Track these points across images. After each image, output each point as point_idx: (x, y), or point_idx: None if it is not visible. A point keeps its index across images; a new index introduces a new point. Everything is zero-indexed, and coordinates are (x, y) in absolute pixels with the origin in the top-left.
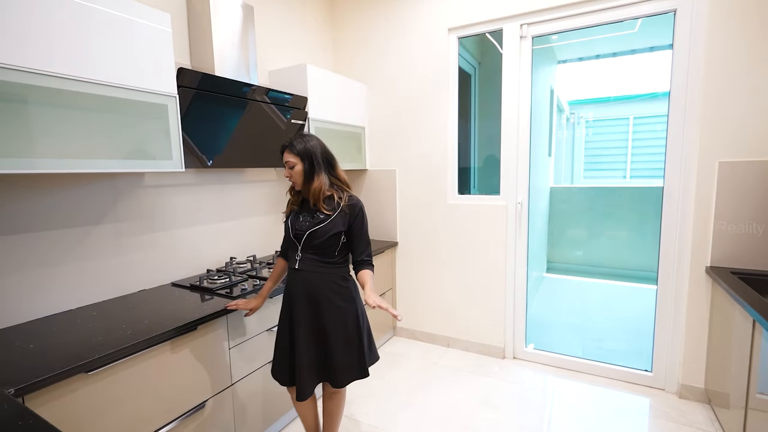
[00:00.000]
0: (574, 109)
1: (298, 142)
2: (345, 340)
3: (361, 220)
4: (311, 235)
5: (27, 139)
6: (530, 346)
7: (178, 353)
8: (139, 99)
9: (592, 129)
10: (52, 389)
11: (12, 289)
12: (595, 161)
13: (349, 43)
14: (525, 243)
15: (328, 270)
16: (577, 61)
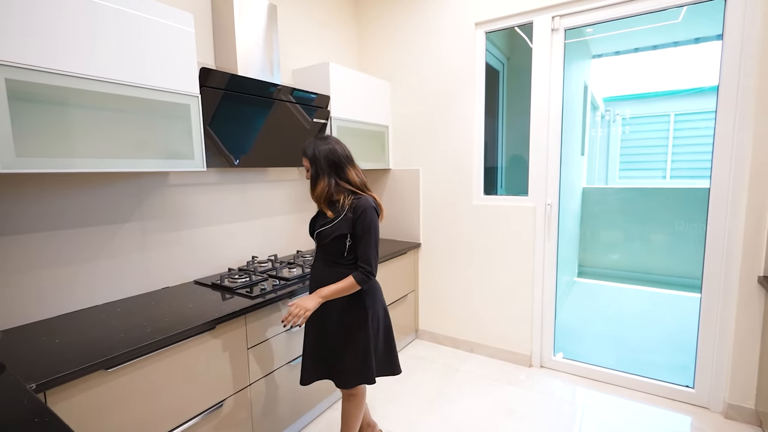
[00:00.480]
0: (609, 106)
1: (308, 147)
2: (348, 343)
3: (363, 222)
4: (318, 235)
5: (64, 139)
6: (559, 355)
7: (195, 352)
8: (162, 99)
9: (629, 127)
10: (72, 385)
11: (44, 284)
12: (631, 160)
13: (373, 41)
14: (555, 246)
15: (337, 270)
16: (613, 55)
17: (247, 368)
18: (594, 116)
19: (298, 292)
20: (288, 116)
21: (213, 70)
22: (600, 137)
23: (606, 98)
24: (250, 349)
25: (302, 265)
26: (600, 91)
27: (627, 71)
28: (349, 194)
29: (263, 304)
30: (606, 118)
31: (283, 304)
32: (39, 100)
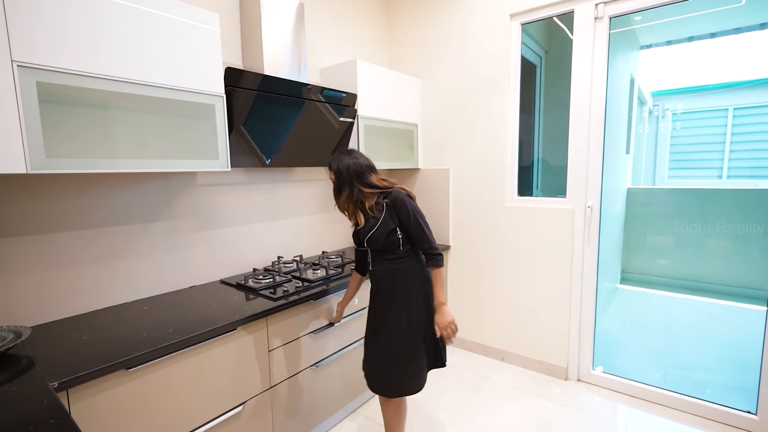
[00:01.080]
0: (658, 100)
1: (333, 160)
2: (418, 334)
3: (405, 210)
4: (370, 241)
5: (92, 140)
6: (599, 369)
7: (216, 353)
8: (187, 99)
9: (680, 122)
10: (94, 384)
11: (77, 281)
12: (682, 159)
13: (404, 37)
14: (595, 252)
15: (397, 266)
16: (664, 45)
17: (268, 370)
18: (641, 112)
19: (321, 295)
20: (317, 116)
21: (246, 71)
22: (647, 134)
23: (655, 92)
24: (272, 351)
25: (326, 267)
26: (648, 85)
27: (679, 62)
28: (377, 195)
29: (285, 306)
30: (654, 114)
31: (313, 305)
32: (68, 102)
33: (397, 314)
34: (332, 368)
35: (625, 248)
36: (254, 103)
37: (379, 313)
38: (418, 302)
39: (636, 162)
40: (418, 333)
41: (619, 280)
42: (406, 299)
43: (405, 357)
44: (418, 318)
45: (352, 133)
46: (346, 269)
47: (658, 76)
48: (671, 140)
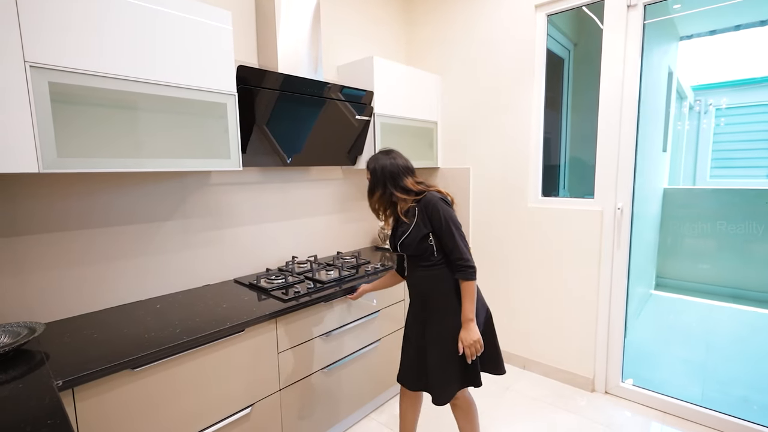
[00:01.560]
0: (700, 95)
1: (370, 160)
2: (442, 354)
3: (437, 215)
4: (402, 246)
5: (103, 140)
6: (628, 381)
7: (223, 355)
8: (199, 98)
9: (725, 118)
10: (99, 383)
11: (93, 278)
12: (726, 157)
13: (423, 33)
14: (626, 256)
15: (432, 272)
16: (707, 35)
17: (277, 373)
18: (680, 107)
19: (333, 297)
20: (335, 114)
21: (257, 69)
22: (687, 131)
23: (696, 87)
24: (281, 353)
25: (340, 268)
26: (688, 79)
27: (724, 53)
28: (409, 199)
29: (295, 308)
30: (695, 110)
31: (325, 307)
32: (80, 102)
33: (431, 323)
34: (344, 372)
35: (660, 252)
36: (274, 102)
37: (416, 323)
38: (453, 313)
39: (674, 161)
40: (446, 344)
41: (654, 286)
42: (440, 308)
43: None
44: (455, 331)
45: (369, 131)
46: (361, 270)
47: (700, 68)
48: (714, 137)
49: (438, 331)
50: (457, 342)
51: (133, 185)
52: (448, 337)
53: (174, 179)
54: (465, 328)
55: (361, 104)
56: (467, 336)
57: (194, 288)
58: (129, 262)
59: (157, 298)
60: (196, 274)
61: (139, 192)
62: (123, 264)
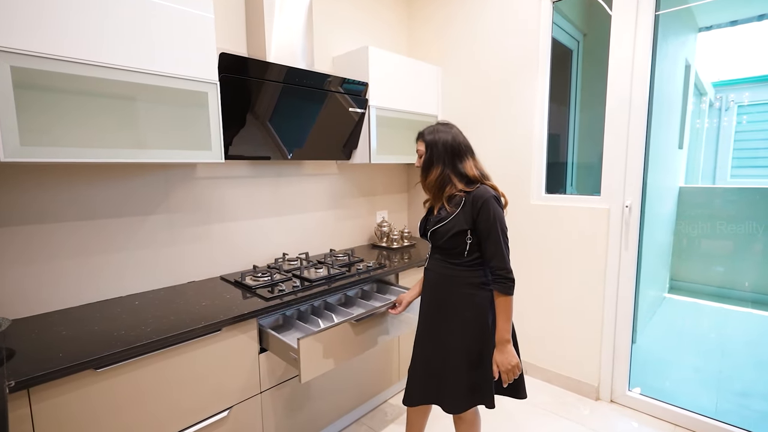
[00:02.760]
0: (720, 91)
1: (428, 131)
2: (461, 359)
3: (485, 215)
4: (433, 234)
5: (71, 128)
6: (636, 390)
7: (197, 356)
8: (178, 87)
9: (747, 115)
10: (58, 384)
11: (70, 273)
12: (749, 156)
13: (423, 22)
14: (634, 257)
15: (456, 273)
16: (728, 26)
17: (258, 374)
18: (699, 104)
19: (320, 296)
20: (332, 107)
21: (252, 59)
22: (706, 128)
23: (716, 83)
24: (263, 354)
25: (330, 265)
26: (708, 75)
27: (746, 46)
28: (463, 187)
29: (277, 307)
30: (716, 106)
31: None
32: (45, 88)
33: (447, 331)
34: (331, 374)
35: (674, 253)
36: (263, 92)
37: (427, 323)
38: (473, 324)
39: (693, 159)
40: (462, 355)
41: (668, 289)
42: (459, 315)
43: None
44: (472, 343)
45: (363, 124)
46: (353, 269)
47: (720, 62)
48: (735, 135)
49: (455, 341)
50: (475, 355)
51: (114, 177)
52: (465, 348)
53: (157, 172)
54: (501, 350)
55: (359, 97)
56: (504, 360)
57: (179, 285)
58: (109, 257)
59: (138, 294)
60: (182, 270)
61: (120, 184)
62: (103, 259)
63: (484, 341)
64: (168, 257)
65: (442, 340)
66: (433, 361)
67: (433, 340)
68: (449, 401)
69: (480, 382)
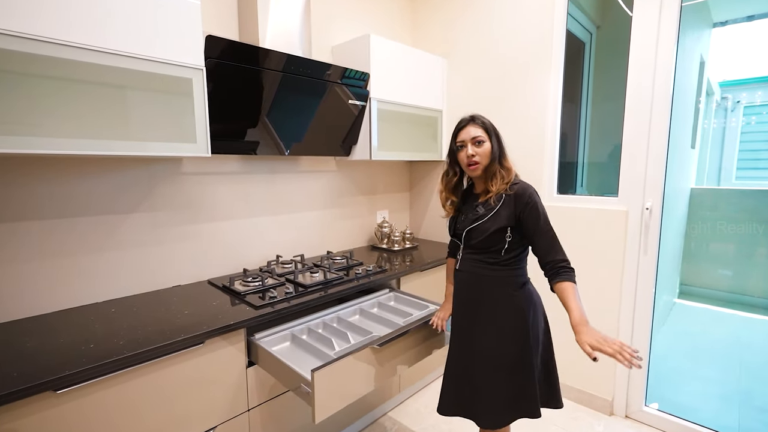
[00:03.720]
0: (727, 91)
1: (481, 117)
2: (499, 366)
3: (534, 210)
4: (470, 233)
5: (30, 115)
6: (653, 405)
7: (176, 372)
8: (158, 71)
9: (756, 116)
10: (11, 408)
11: (41, 277)
12: (754, 158)
13: (428, 12)
14: (654, 263)
15: (493, 273)
16: (744, 21)
17: (245, 391)
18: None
19: (316, 303)
20: (333, 99)
21: (263, 48)
22: (712, 129)
23: (723, 83)
24: (251, 368)
25: (327, 269)
26: (716, 74)
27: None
28: (504, 181)
29: (267, 317)
30: (722, 106)
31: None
32: (9, 71)
33: (483, 335)
34: None
35: (684, 257)
36: (257, 81)
37: (461, 327)
38: (511, 327)
39: (699, 160)
40: (500, 360)
41: (677, 294)
42: (495, 319)
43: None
44: (512, 347)
45: (364, 118)
46: (351, 273)
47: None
48: (741, 136)
49: (492, 345)
50: (515, 360)
51: (90, 172)
52: (503, 353)
53: (139, 166)
54: (585, 332)
55: (360, 89)
56: (593, 338)
57: (163, 289)
58: (85, 258)
59: (116, 300)
60: (166, 273)
61: (98, 179)
62: (77, 261)
63: (523, 345)
64: (151, 259)
65: (478, 346)
66: (468, 368)
67: (467, 345)
68: (487, 415)
69: (521, 391)
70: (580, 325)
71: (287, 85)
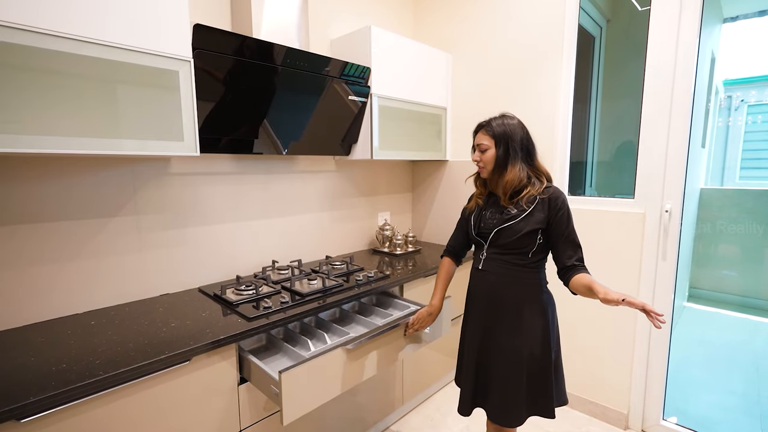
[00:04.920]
0: (731, 90)
1: (497, 123)
2: (522, 364)
3: (565, 216)
4: (499, 233)
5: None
6: (672, 419)
7: (159, 392)
8: (137, 62)
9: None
10: None
11: (12, 285)
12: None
13: (432, 5)
14: (673, 269)
15: (519, 274)
16: (755, 16)
17: (237, 410)
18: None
19: (314, 313)
20: (332, 95)
21: (256, 39)
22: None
23: (727, 81)
24: (243, 386)
25: (326, 276)
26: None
27: None
28: (534, 182)
29: (260, 330)
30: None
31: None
32: None
33: (507, 334)
34: (322, 406)
35: (693, 259)
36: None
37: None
38: (536, 326)
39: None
40: (523, 360)
41: (687, 297)
42: (520, 319)
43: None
44: (534, 347)
45: (365, 115)
46: (351, 279)
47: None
48: (745, 135)
49: (515, 345)
50: (537, 360)
51: (67, 172)
52: (527, 353)
53: (122, 166)
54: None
55: (360, 85)
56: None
57: (149, 298)
58: (62, 266)
59: (98, 311)
60: (153, 281)
61: (76, 181)
62: (53, 269)
63: (546, 344)
64: (135, 266)
65: (503, 344)
66: (489, 367)
67: (490, 346)
68: (506, 413)
69: (540, 389)
70: (605, 288)
71: (283, 80)
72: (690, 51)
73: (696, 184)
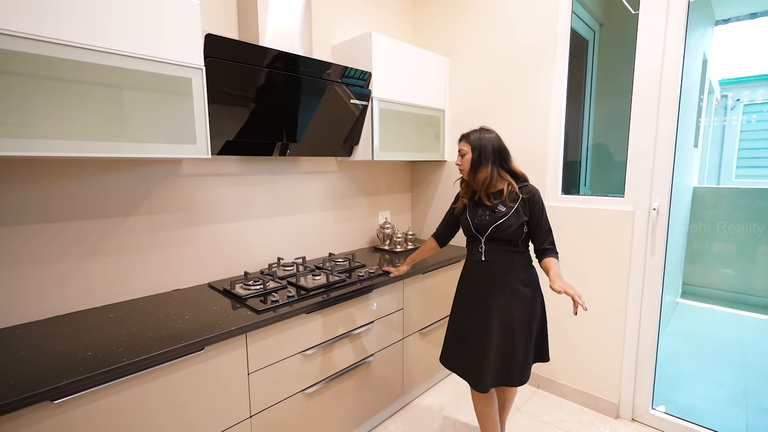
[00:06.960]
0: (727, 89)
1: (474, 133)
2: (530, 331)
3: (540, 208)
4: (496, 229)
5: (24, 117)
6: (660, 408)
7: (176, 379)
8: (156, 71)
9: (757, 114)
10: (8, 420)
11: (35, 282)
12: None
13: (430, 11)
14: (661, 265)
15: (516, 258)
16: (746, 18)
17: (247, 397)
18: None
19: (319, 307)
20: (334, 98)
21: (264, 47)
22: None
23: (723, 81)
24: (253, 374)
25: (329, 272)
26: (716, 72)
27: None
28: (511, 183)
29: (270, 321)
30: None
31: (307, 318)
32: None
33: (514, 309)
34: (327, 393)
35: (687, 257)
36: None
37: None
38: (533, 296)
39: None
40: (529, 326)
41: (680, 294)
42: (521, 294)
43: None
44: (535, 312)
45: (366, 118)
46: (354, 275)
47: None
48: (741, 134)
49: (522, 317)
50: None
51: (85, 174)
52: (530, 319)
53: (136, 168)
54: (559, 280)
55: (361, 88)
56: (566, 284)
57: (162, 293)
58: (81, 263)
59: (115, 305)
60: (166, 277)
61: (93, 182)
62: (77, 265)
63: (541, 309)
64: (149, 263)
65: (511, 321)
66: (501, 343)
67: (502, 324)
68: (522, 375)
69: (540, 340)
70: (556, 276)
71: (288, 85)
72: (676, 55)
73: (689, 183)
